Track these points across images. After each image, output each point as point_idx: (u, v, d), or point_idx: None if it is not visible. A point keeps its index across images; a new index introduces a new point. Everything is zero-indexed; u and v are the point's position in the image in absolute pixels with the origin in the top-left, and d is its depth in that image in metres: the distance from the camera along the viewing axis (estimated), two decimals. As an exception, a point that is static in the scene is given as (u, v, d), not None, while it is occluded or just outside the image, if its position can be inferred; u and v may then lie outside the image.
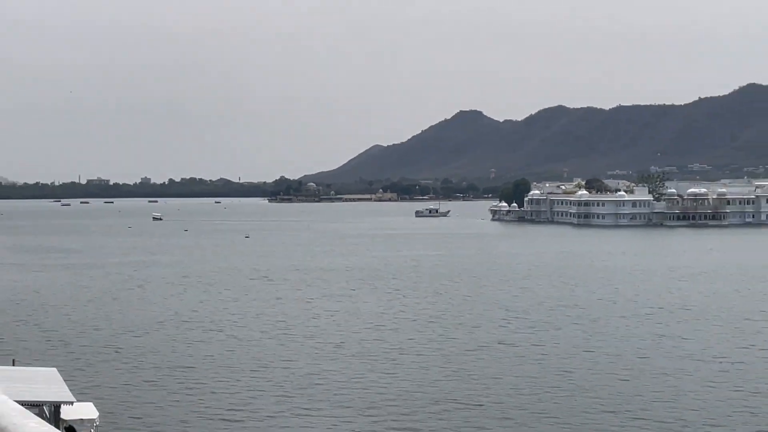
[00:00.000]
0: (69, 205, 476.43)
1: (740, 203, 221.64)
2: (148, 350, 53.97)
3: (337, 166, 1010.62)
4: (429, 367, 49.20)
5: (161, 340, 57.67)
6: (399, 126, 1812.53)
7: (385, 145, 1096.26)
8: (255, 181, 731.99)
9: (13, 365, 35.35)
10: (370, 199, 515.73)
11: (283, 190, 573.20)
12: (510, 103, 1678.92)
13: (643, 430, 37.78)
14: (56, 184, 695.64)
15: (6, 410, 5.03)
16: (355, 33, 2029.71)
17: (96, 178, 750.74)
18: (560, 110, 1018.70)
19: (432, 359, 51.38)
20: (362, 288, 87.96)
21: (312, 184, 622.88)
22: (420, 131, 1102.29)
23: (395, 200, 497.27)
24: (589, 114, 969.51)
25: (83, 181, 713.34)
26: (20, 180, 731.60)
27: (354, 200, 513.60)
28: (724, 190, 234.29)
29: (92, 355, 52.01)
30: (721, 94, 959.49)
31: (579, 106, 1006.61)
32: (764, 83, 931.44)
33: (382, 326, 63.71)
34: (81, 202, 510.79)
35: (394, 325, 64.17)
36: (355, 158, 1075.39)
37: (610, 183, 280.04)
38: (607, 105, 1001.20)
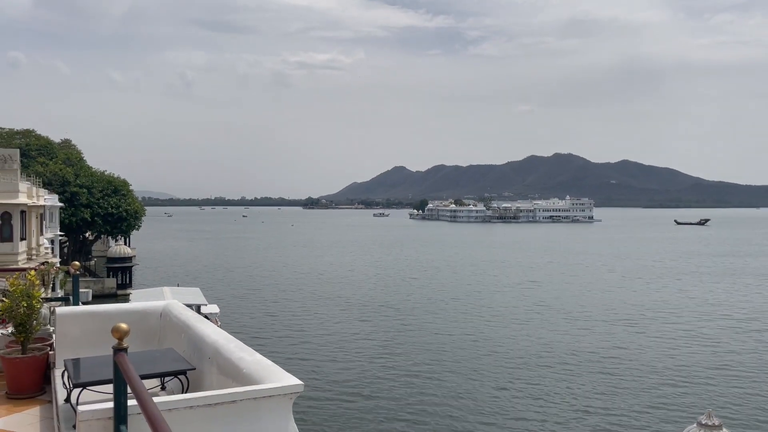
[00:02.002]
0: (205, 209, 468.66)
1: (526, 211, 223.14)
2: (244, 280, 53.73)
3: (335, 192, 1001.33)
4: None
5: (250, 274, 57.28)
6: (365, 172, 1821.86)
7: (359, 182, 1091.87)
8: (296, 198, 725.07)
9: (178, 286, 35.22)
10: (351, 208, 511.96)
11: (310, 203, 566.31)
12: (419, 160, 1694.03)
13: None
14: (198, 198, 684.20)
15: (185, 311, 4.86)
16: (347, 122, 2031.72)
17: (219, 195, 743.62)
18: (441, 166, 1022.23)
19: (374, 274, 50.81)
20: (354, 248, 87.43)
21: (323, 200, 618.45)
22: (376, 175, 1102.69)
23: (364, 209, 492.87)
24: (456, 169, 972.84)
25: (212, 197, 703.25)
26: (180, 196, 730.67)
27: (344, 209, 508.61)
28: (519, 205, 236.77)
29: (215, 281, 51.60)
30: (518, 159, 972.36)
31: (450, 164, 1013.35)
32: (539, 155, 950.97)
33: (363, 262, 63.11)
34: (211, 209, 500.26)
35: (371, 259, 63.53)
36: (344, 188, 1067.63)
37: (466, 201, 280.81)
38: (465, 163, 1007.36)
